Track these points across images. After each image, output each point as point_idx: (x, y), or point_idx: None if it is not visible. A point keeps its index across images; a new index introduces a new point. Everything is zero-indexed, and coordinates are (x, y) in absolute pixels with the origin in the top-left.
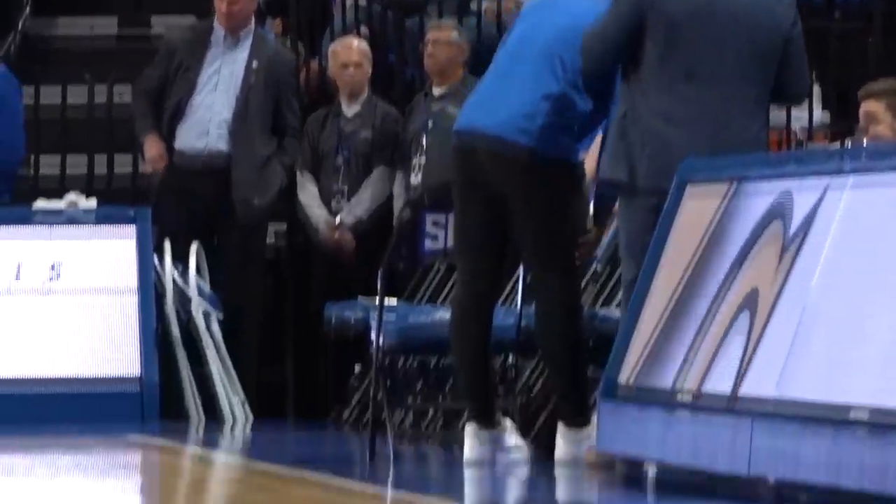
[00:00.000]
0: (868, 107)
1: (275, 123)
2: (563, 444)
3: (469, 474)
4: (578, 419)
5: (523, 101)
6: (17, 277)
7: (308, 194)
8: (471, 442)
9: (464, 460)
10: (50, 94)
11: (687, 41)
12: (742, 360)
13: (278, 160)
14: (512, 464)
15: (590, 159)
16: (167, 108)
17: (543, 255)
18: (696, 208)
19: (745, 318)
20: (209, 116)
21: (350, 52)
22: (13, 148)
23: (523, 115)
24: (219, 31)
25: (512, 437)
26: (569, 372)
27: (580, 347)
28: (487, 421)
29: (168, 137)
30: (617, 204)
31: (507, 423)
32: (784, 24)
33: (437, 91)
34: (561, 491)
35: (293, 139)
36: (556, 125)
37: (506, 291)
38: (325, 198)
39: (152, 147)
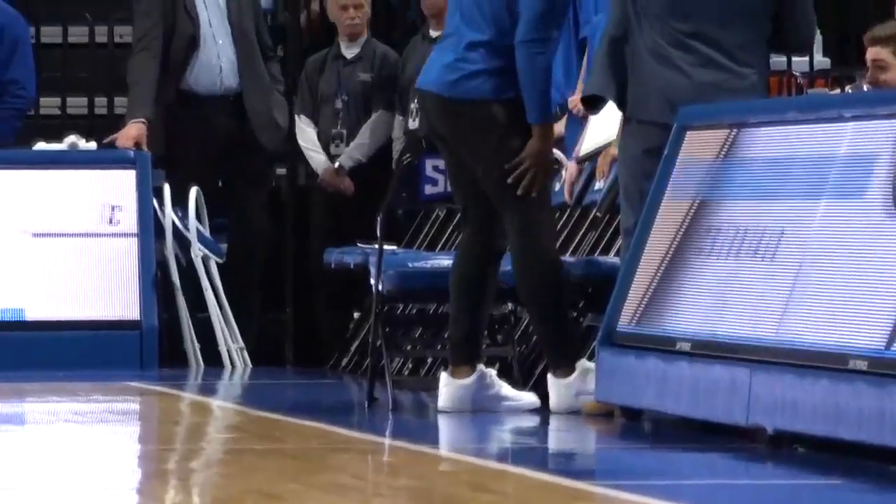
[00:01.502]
0: (874, 53)
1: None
2: (553, 393)
3: (447, 422)
4: (562, 364)
5: (452, 54)
6: (17, 219)
7: (307, 138)
8: (441, 389)
9: (438, 407)
10: (51, 34)
11: None
12: (741, 308)
13: (274, 87)
14: (506, 411)
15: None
16: (174, 52)
17: (496, 200)
18: (696, 154)
19: (744, 265)
20: (216, 53)
21: None
22: (27, 88)
23: (449, 67)
24: None
25: (503, 387)
26: (545, 316)
27: (553, 290)
28: (459, 368)
29: (177, 76)
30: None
31: (491, 372)
32: None
33: (434, 34)
34: (558, 440)
35: (275, 63)
36: (482, 71)
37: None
38: (324, 142)
39: (134, 131)
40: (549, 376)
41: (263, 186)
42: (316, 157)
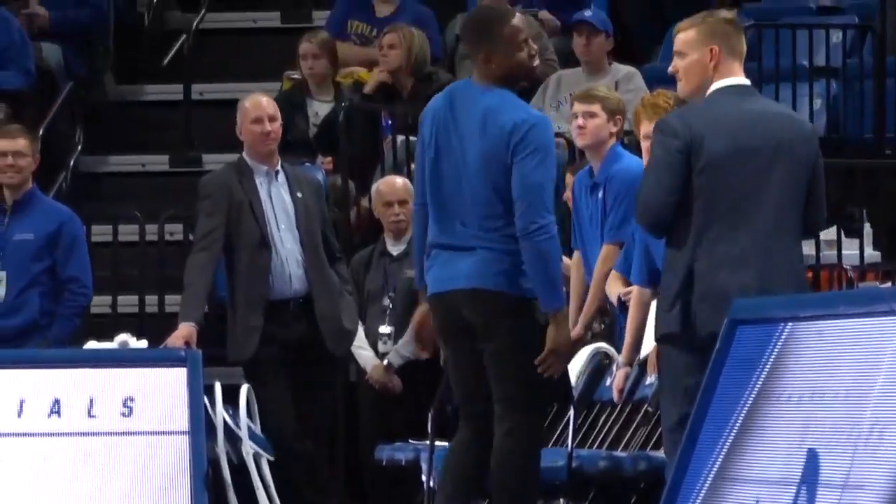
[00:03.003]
0: None
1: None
2: None
3: None
4: None
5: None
6: (68, 418)
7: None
8: None
9: None
10: (101, 232)
11: (730, 182)
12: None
13: (343, 288)
14: None
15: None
16: (239, 254)
17: (496, 389)
18: (748, 350)
19: (796, 460)
20: (286, 258)
21: (394, 190)
22: (87, 287)
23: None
24: (257, 166)
25: None
26: None
27: (521, 489)
28: None
29: (248, 281)
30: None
31: None
32: (813, 154)
33: None
34: None
35: (343, 264)
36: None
37: (556, 433)
38: (372, 339)
39: (184, 332)
40: None
41: (328, 393)
42: (364, 354)
